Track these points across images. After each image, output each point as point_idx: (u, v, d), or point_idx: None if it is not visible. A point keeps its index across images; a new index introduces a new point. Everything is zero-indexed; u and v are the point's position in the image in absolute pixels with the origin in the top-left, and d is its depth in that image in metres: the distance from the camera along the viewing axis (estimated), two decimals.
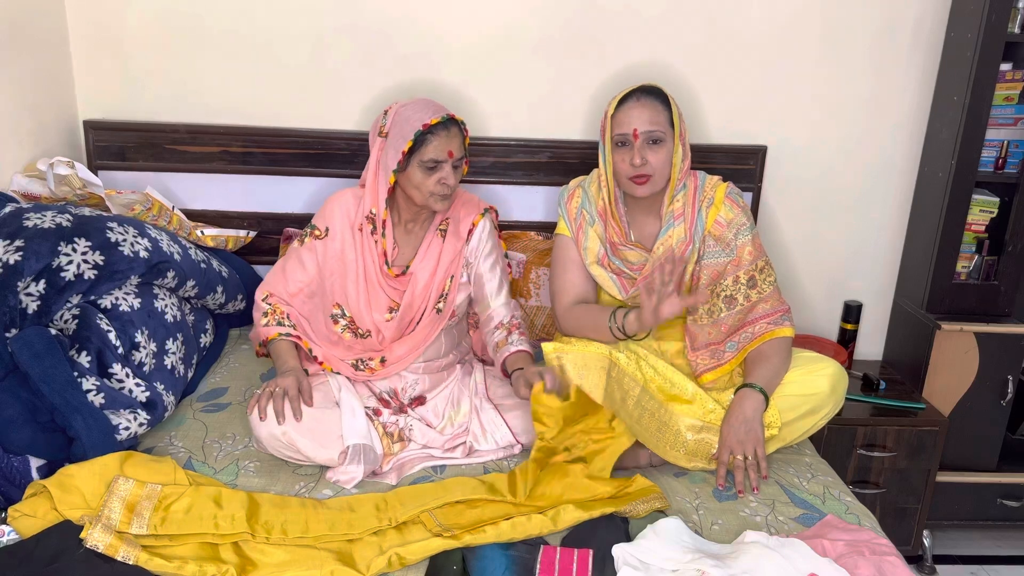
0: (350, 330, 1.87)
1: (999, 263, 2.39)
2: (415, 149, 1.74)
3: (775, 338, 1.81)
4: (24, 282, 1.62)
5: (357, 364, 1.87)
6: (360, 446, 1.66)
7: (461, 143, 1.79)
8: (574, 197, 1.93)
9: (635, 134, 1.77)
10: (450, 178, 1.76)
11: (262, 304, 1.87)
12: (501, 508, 1.56)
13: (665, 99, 1.81)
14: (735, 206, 1.85)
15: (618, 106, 1.80)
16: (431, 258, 1.88)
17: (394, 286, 1.86)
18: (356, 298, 1.85)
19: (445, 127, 1.75)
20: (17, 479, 1.53)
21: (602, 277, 1.89)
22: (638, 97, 1.79)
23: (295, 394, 1.68)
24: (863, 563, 1.41)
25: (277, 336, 1.82)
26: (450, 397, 1.88)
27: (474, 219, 1.90)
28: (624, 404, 1.72)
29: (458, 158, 1.78)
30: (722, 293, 1.83)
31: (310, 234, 1.88)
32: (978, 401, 2.42)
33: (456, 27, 2.30)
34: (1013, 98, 2.29)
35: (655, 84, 1.84)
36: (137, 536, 1.39)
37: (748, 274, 1.84)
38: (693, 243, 1.84)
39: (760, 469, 1.68)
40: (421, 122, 1.73)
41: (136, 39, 2.26)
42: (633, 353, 1.78)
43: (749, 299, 1.83)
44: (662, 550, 1.40)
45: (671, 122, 1.80)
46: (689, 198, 1.86)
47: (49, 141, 2.18)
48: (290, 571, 1.38)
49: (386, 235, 1.83)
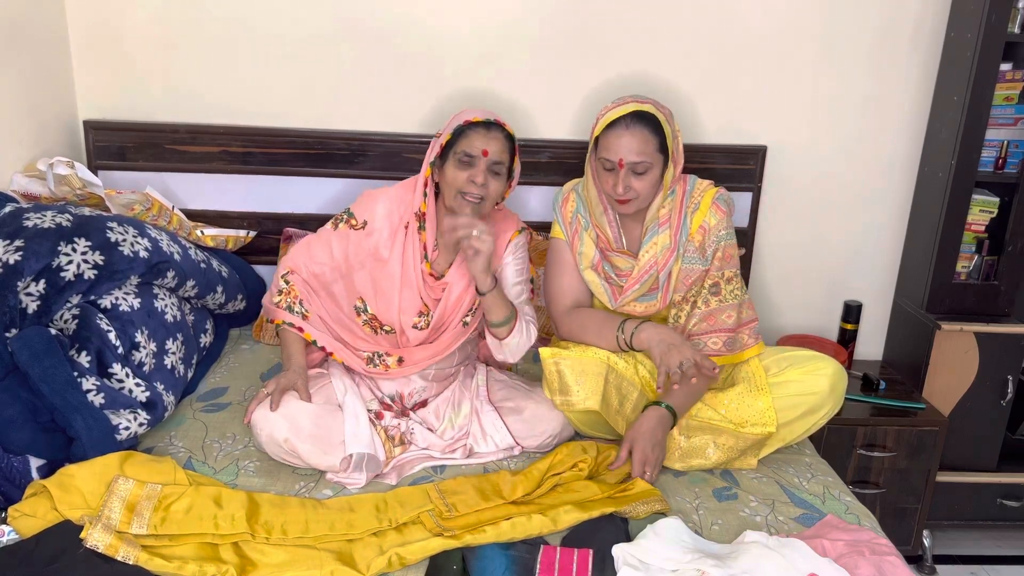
0: (370, 325, 1.85)
1: (999, 263, 2.39)
2: (454, 142, 1.74)
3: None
4: (24, 282, 1.62)
5: (372, 358, 1.85)
6: (363, 454, 1.65)
7: (503, 149, 1.75)
8: (569, 201, 1.90)
9: (620, 164, 1.72)
10: (480, 176, 1.73)
11: (280, 280, 1.85)
12: (502, 508, 1.56)
13: (657, 124, 1.73)
14: (719, 212, 1.82)
15: (606, 129, 1.74)
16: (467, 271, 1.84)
17: (430, 288, 1.83)
18: (388, 297, 1.82)
19: (486, 127, 1.74)
20: (17, 479, 1.53)
21: (594, 283, 1.87)
22: (627, 124, 1.72)
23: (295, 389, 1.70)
24: (863, 563, 1.41)
25: (282, 323, 1.82)
26: (451, 399, 1.88)
27: (510, 236, 1.88)
28: (622, 408, 1.72)
29: (495, 161, 1.74)
30: (691, 299, 1.82)
31: (346, 221, 1.85)
32: (978, 401, 2.42)
33: (457, 27, 2.30)
34: (1013, 98, 2.29)
35: (647, 107, 1.74)
36: (137, 536, 1.39)
37: (712, 280, 1.81)
38: (677, 250, 1.82)
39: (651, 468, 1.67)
40: (465, 119, 1.74)
41: (136, 39, 2.26)
42: (632, 357, 1.78)
43: (708, 303, 1.80)
44: (662, 550, 1.40)
45: (662, 147, 1.74)
46: (677, 203, 1.83)
47: (49, 141, 2.18)
48: (290, 571, 1.38)
49: (425, 228, 1.80)
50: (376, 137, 2.33)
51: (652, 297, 1.85)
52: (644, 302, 1.85)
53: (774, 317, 2.61)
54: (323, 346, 1.82)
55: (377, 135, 2.33)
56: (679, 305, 1.83)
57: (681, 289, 1.82)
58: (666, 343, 1.71)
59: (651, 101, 1.77)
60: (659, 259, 1.82)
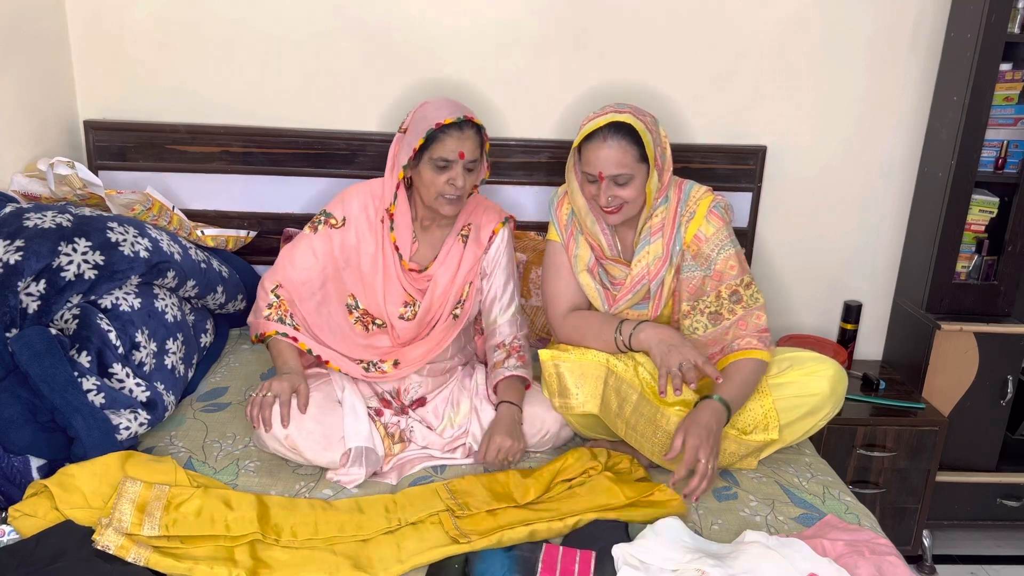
0: (362, 323, 1.85)
1: (999, 263, 2.39)
2: (427, 146, 1.72)
3: (751, 359, 1.73)
4: (24, 282, 1.62)
5: (368, 367, 1.84)
6: (362, 448, 1.65)
7: (476, 146, 1.74)
8: (564, 203, 1.88)
9: (600, 176, 1.70)
10: (459, 179, 1.72)
11: (269, 295, 1.81)
12: (518, 513, 1.55)
13: (635, 135, 1.68)
14: (717, 220, 1.78)
15: (586, 141, 1.71)
16: (451, 263, 1.86)
17: (411, 281, 1.84)
18: (373, 289, 1.83)
19: (459, 127, 1.70)
20: (17, 479, 1.53)
21: (589, 287, 1.85)
22: (604, 136, 1.68)
23: (287, 399, 1.64)
24: (863, 563, 1.41)
25: (274, 334, 1.78)
26: (449, 398, 1.88)
27: (494, 227, 1.88)
28: (621, 411, 1.71)
29: (470, 160, 1.73)
30: (706, 309, 1.79)
31: (324, 222, 1.83)
32: (978, 401, 2.42)
33: (457, 27, 2.30)
34: (1013, 98, 2.29)
35: (624, 117, 1.68)
36: (148, 537, 1.39)
37: (731, 288, 1.77)
38: (670, 260, 1.79)
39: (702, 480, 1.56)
40: (435, 120, 1.70)
41: (136, 39, 2.26)
42: (631, 359, 1.78)
43: (734, 313, 1.77)
44: (662, 550, 1.40)
45: (642, 156, 1.70)
46: (671, 212, 1.80)
47: (49, 141, 2.18)
48: (303, 574, 1.38)
49: (395, 229, 1.80)
50: (376, 137, 2.33)
51: (644, 307, 1.84)
52: (637, 310, 1.84)
53: (774, 317, 2.61)
54: (318, 354, 1.81)
55: (377, 135, 2.34)
56: (691, 315, 1.80)
57: (687, 298, 1.80)
58: (666, 343, 1.69)
59: (630, 109, 1.71)
60: (651, 269, 1.80)
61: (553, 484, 1.64)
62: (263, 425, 1.62)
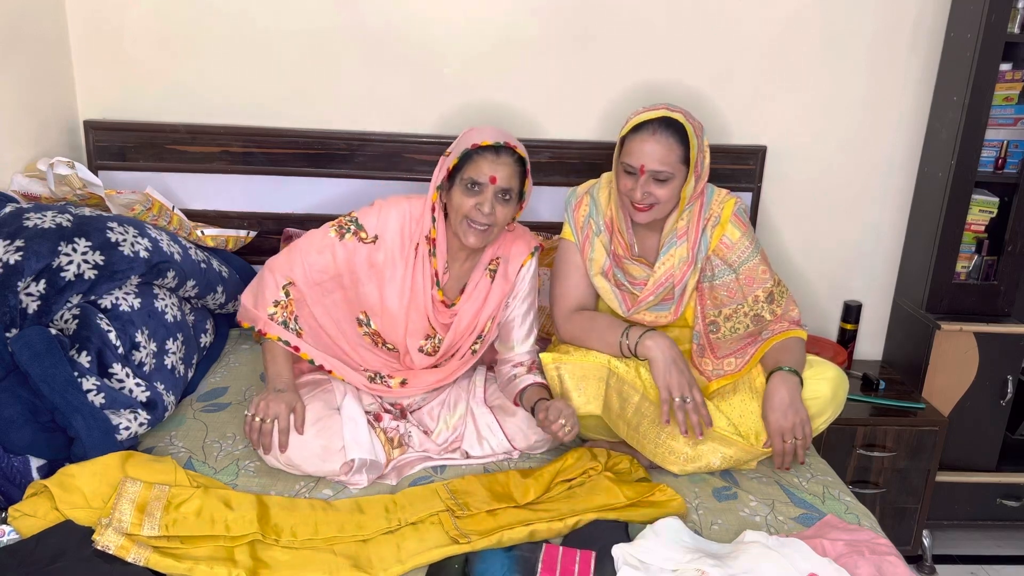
0: (371, 338, 1.82)
1: (999, 263, 2.39)
2: (461, 167, 1.67)
3: (791, 337, 1.78)
4: (24, 282, 1.62)
5: (374, 378, 1.82)
6: (365, 460, 1.63)
7: (512, 175, 1.67)
8: (582, 205, 1.86)
9: (641, 170, 1.69)
10: (486, 205, 1.65)
11: (279, 291, 1.73)
12: (518, 513, 1.55)
13: (684, 134, 1.69)
14: (741, 225, 1.80)
15: (632, 132, 1.70)
16: (477, 299, 1.81)
17: (439, 313, 1.77)
18: (393, 319, 1.76)
19: (495, 151, 1.65)
20: (17, 479, 1.53)
21: (605, 289, 1.84)
22: (653, 130, 1.68)
23: (285, 425, 1.61)
24: (863, 563, 1.41)
25: (276, 339, 1.73)
26: (446, 400, 1.86)
27: (523, 259, 1.82)
28: (623, 412, 1.71)
29: (503, 188, 1.66)
30: (749, 312, 1.80)
31: (354, 232, 1.73)
32: (978, 401, 2.42)
33: (458, 27, 2.30)
34: (1013, 98, 2.29)
35: (677, 115, 1.69)
36: (148, 537, 1.39)
37: (767, 292, 1.80)
38: (695, 264, 1.79)
39: (801, 451, 1.68)
40: (473, 141, 1.66)
41: (136, 39, 2.26)
42: (633, 360, 1.78)
43: (774, 314, 1.80)
44: (662, 550, 1.40)
45: (685, 158, 1.70)
46: (694, 216, 1.79)
47: (49, 141, 2.18)
48: (303, 575, 1.38)
49: (436, 254, 1.74)
50: (376, 137, 2.33)
51: (665, 308, 1.83)
52: (656, 312, 1.83)
53: None
54: (320, 364, 1.77)
55: (377, 135, 2.34)
56: (733, 318, 1.80)
57: (727, 302, 1.80)
58: (669, 359, 1.69)
59: (683, 111, 1.72)
60: (676, 272, 1.79)
61: (553, 484, 1.64)
62: (263, 448, 1.61)
